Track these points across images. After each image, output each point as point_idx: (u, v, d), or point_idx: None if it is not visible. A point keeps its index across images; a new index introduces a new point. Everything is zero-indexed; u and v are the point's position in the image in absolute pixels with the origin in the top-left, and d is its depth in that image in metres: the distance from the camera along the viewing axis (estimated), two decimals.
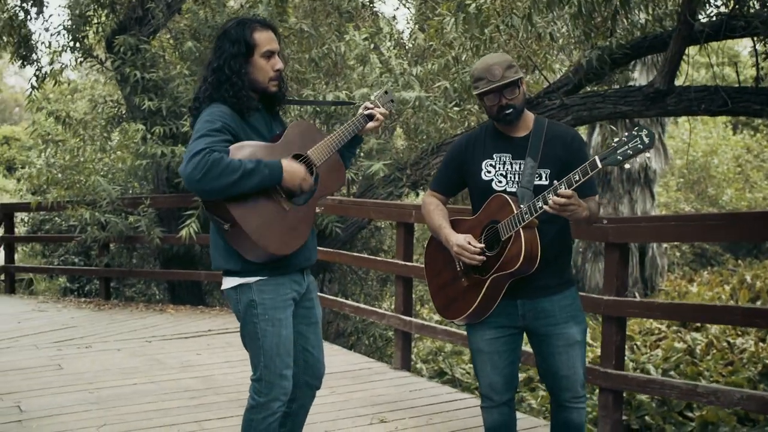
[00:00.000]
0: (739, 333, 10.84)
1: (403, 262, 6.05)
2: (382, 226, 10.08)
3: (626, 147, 2.79)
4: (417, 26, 8.91)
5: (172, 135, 8.49)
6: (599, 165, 2.82)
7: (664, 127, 14.77)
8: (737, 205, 18.81)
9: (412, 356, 6.91)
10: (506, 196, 3.07)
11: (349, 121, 3.16)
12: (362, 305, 6.94)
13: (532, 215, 2.96)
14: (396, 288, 6.25)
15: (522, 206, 2.99)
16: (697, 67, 19.30)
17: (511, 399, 3.28)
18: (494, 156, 3.17)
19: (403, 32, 9.73)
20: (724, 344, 10.00)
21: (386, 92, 3.32)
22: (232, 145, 2.80)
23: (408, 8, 10.18)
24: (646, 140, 2.77)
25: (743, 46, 24.36)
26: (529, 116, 3.21)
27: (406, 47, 9.34)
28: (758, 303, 13.57)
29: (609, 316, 4.34)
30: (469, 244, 3.09)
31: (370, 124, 3.19)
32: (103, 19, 9.28)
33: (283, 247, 2.90)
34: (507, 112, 3.08)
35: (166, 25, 9.21)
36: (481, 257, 3.08)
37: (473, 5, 6.28)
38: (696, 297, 13.79)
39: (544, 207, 2.90)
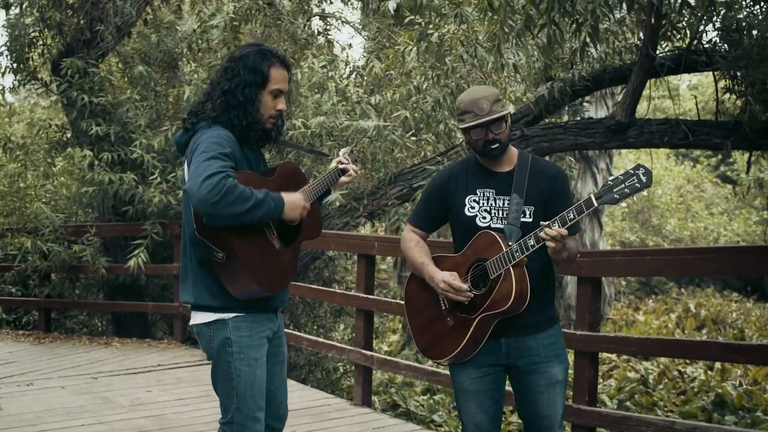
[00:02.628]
0: (688, 362, 10.95)
1: (364, 295, 5.90)
2: (336, 256, 9.90)
3: (623, 185, 2.72)
4: (373, 55, 8.82)
5: (120, 161, 8.21)
6: (595, 204, 2.76)
7: (612, 158, 14.96)
8: (680, 234, 19.20)
9: None
10: (494, 233, 2.99)
11: (325, 173, 3.17)
12: (320, 339, 6.75)
13: (523, 253, 2.87)
14: (357, 321, 6.08)
15: (512, 244, 2.91)
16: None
17: None
18: (478, 191, 3.09)
19: (358, 60, 9.65)
20: (675, 373, 10.08)
21: (351, 152, 3.37)
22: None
23: (364, 37, 10.12)
24: (644, 179, 2.71)
25: (683, 80, 25.10)
26: (513, 151, 3.15)
27: (362, 76, 9.25)
28: (704, 331, 13.80)
29: (582, 351, 4.26)
30: (455, 280, 2.99)
31: (344, 179, 3.23)
32: (49, 41, 8.95)
33: (274, 285, 2.82)
34: (493, 146, 3.02)
35: (115, 49, 8.94)
36: (469, 294, 2.97)
37: (435, 35, 6.23)
38: (643, 326, 13.94)
39: (536, 245, 2.83)
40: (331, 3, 10.39)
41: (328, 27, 10.04)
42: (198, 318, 2.88)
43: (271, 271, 2.80)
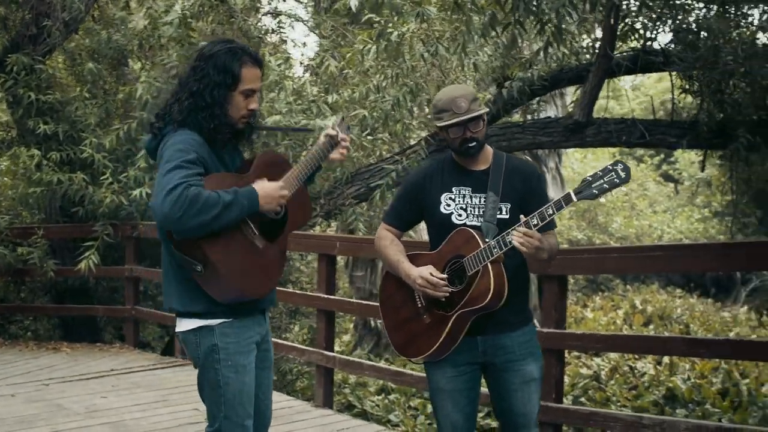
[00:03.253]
0: (637, 357, 11.17)
1: (326, 296, 5.85)
2: (290, 256, 9.80)
3: (601, 181, 2.74)
4: (328, 53, 8.75)
5: (69, 161, 7.98)
6: (574, 199, 2.77)
7: (561, 157, 15.19)
8: (626, 232, 19.59)
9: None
10: (471, 230, 2.99)
11: (313, 150, 2.95)
12: (280, 341, 6.65)
13: (501, 250, 2.87)
14: (318, 323, 6.02)
15: (489, 241, 2.91)
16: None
17: None
18: (453, 189, 3.09)
19: (314, 59, 9.56)
20: (626, 368, 10.26)
21: (342, 119, 3.16)
22: (204, 177, 2.59)
23: (317, 35, 10.04)
24: (623, 174, 2.73)
25: (626, 81, 25.65)
26: (488, 150, 3.15)
27: (318, 74, 9.18)
28: (651, 327, 14.10)
29: (548, 348, 4.28)
30: (432, 275, 2.97)
31: (335, 155, 2.98)
32: None
33: (258, 288, 2.72)
34: (470, 145, 3.02)
35: (62, 45, 8.68)
36: (447, 289, 2.96)
37: (395, 33, 6.20)
38: (592, 322, 14.18)
39: (513, 242, 2.82)
40: (284, 1, 10.32)
41: (281, 25, 9.92)
42: (183, 325, 2.78)
43: (255, 274, 2.70)
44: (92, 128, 7.89)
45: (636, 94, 25.17)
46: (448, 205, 3.07)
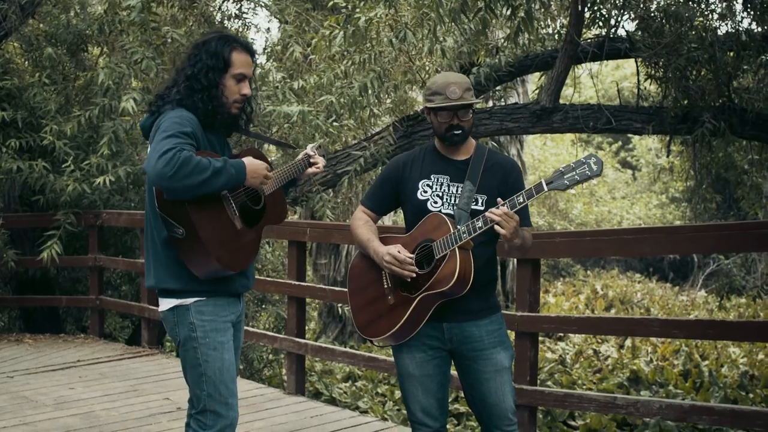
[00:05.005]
0: (600, 341, 11.36)
1: (296, 282, 5.83)
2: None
3: (574, 173, 2.78)
4: (293, 39, 8.67)
5: (29, 148, 7.79)
6: (545, 188, 2.81)
7: (522, 143, 15.31)
8: (586, 218, 19.85)
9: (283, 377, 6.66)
10: (443, 216, 3.01)
11: (292, 162, 3.16)
12: (250, 328, 6.60)
13: (470, 235, 2.90)
14: (288, 309, 5.99)
15: (459, 227, 2.93)
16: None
17: (445, 425, 3.17)
18: (432, 177, 3.11)
19: (277, 45, 9.47)
20: (590, 352, 10.44)
21: (320, 146, 3.37)
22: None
23: (281, 21, 9.93)
24: (595, 167, 2.77)
25: (584, 69, 25.87)
26: (471, 142, 3.18)
27: (281, 60, 9.09)
28: (612, 311, 14.34)
29: (523, 332, 4.33)
30: (399, 253, 2.98)
31: (310, 170, 3.22)
32: None
33: (234, 263, 2.78)
34: (456, 132, 3.04)
35: (19, 30, 8.45)
36: (413, 267, 2.97)
37: (363, 19, 6.16)
38: (555, 307, 14.36)
39: (484, 227, 2.85)
40: None
41: (243, 11, 9.80)
42: (162, 305, 2.86)
43: (233, 250, 2.78)
44: (52, 115, 7.71)
45: (594, 82, 25.42)
46: (425, 192, 3.09)
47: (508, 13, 4.88)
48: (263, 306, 9.89)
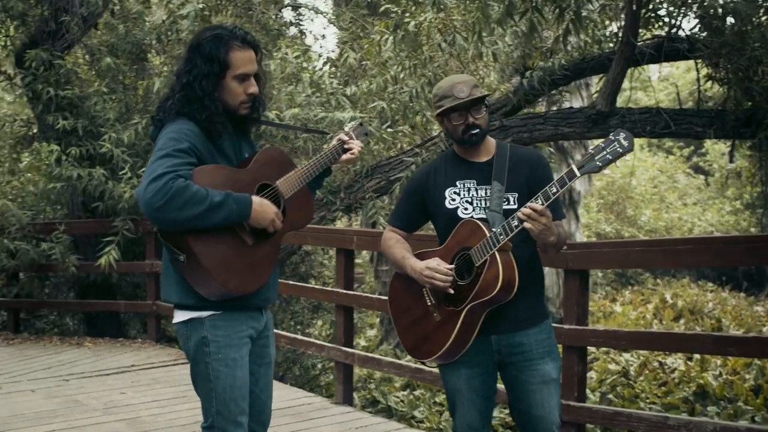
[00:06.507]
0: (668, 353, 10.93)
1: (344, 291, 5.76)
2: (313, 251, 9.74)
3: (605, 152, 2.63)
4: (348, 45, 8.65)
5: (89, 156, 7.97)
6: (578, 174, 2.67)
7: (587, 148, 14.93)
8: (655, 225, 19.26)
9: None
10: (476, 221, 2.89)
11: (323, 152, 2.93)
12: (299, 336, 6.58)
13: (507, 236, 2.77)
14: (336, 318, 5.94)
15: (495, 229, 2.80)
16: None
17: None
18: (458, 183, 3.01)
19: (333, 51, 9.49)
20: (656, 364, 10.05)
21: (361, 124, 3.15)
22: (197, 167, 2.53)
23: (337, 27, 9.94)
24: (625, 143, 2.61)
25: (653, 71, 25.22)
26: (491, 141, 3.06)
27: (337, 66, 9.08)
28: (681, 321, 13.81)
29: (570, 346, 4.16)
30: (439, 265, 2.87)
31: (346, 156, 2.98)
32: (12, 31, 8.66)
33: (242, 286, 2.62)
34: (473, 132, 2.93)
35: (82, 41, 8.67)
36: (451, 275, 2.85)
37: (412, 23, 6.08)
38: (621, 317, 13.93)
39: (520, 225, 2.72)
40: None
41: (300, 17, 9.85)
42: (177, 316, 2.75)
43: (241, 271, 2.62)
44: (111, 123, 7.87)
45: (664, 85, 24.72)
46: (453, 200, 2.98)
47: (557, 14, 4.71)
48: (318, 313, 9.86)
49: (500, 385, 3.11)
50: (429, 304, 2.97)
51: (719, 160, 21.02)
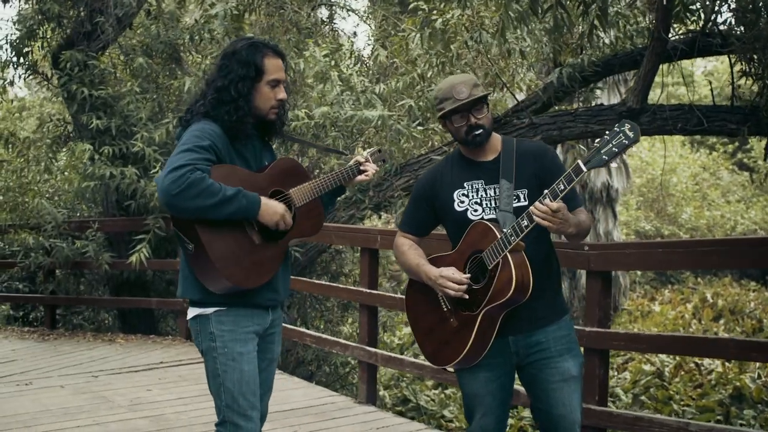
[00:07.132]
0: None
1: (368, 290, 5.73)
2: (343, 249, 9.74)
3: (610, 145, 2.56)
4: (378, 43, 8.62)
5: (122, 155, 8.07)
6: (584, 169, 2.60)
7: None
8: (696, 223, 18.88)
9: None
10: (486, 222, 2.84)
11: (338, 170, 3.06)
12: (324, 336, 6.58)
13: (518, 236, 2.72)
14: (360, 317, 5.92)
15: (505, 230, 2.75)
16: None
17: None
18: (465, 185, 2.96)
19: (363, 49, 9.47)
20: (692, 365, 9.84)
21: (379, 151, 3.26)
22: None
23: (369, 25, 9.92)
24: (631, 134, 2.54)
25: (698, 66, 24.68)
26: (496, 138, 3.01)
27: (367, 65, 9.06)
28: (721, 321, 13.52)
29: (591, 348, 4.07)
30: (454, 274, 2.83)
31: (360, 177, 3.11)
32: (49, 33, 8.82)
33: (245, 280, 2.71)
34: (477, 132, 2.88)
35: (116, 41, 8.78)
36: (467, 282, 2.82)
37: (439, 21, 6.02)
38: (659, 316, 13.69)
39: (531, 224, 2.67)
40: None
41: (333, 15, 9.85)
42: (189, 313, 2.88)
43: (247, 266, 2.72)
44: (144, 122, 7.95)
45: (709, 80, 24.20)
46: (462, 202, 2.94)
47: (581, 10, 4.62)
48: (349, 311, 9.87)
49: (522, 387, 3.06)
50: (445, 309, 2.94)
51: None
